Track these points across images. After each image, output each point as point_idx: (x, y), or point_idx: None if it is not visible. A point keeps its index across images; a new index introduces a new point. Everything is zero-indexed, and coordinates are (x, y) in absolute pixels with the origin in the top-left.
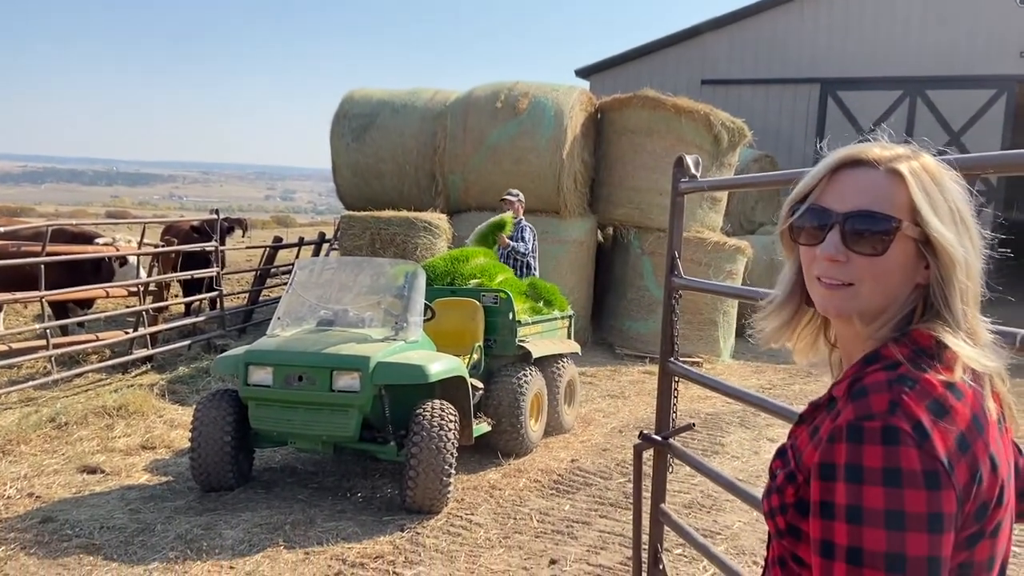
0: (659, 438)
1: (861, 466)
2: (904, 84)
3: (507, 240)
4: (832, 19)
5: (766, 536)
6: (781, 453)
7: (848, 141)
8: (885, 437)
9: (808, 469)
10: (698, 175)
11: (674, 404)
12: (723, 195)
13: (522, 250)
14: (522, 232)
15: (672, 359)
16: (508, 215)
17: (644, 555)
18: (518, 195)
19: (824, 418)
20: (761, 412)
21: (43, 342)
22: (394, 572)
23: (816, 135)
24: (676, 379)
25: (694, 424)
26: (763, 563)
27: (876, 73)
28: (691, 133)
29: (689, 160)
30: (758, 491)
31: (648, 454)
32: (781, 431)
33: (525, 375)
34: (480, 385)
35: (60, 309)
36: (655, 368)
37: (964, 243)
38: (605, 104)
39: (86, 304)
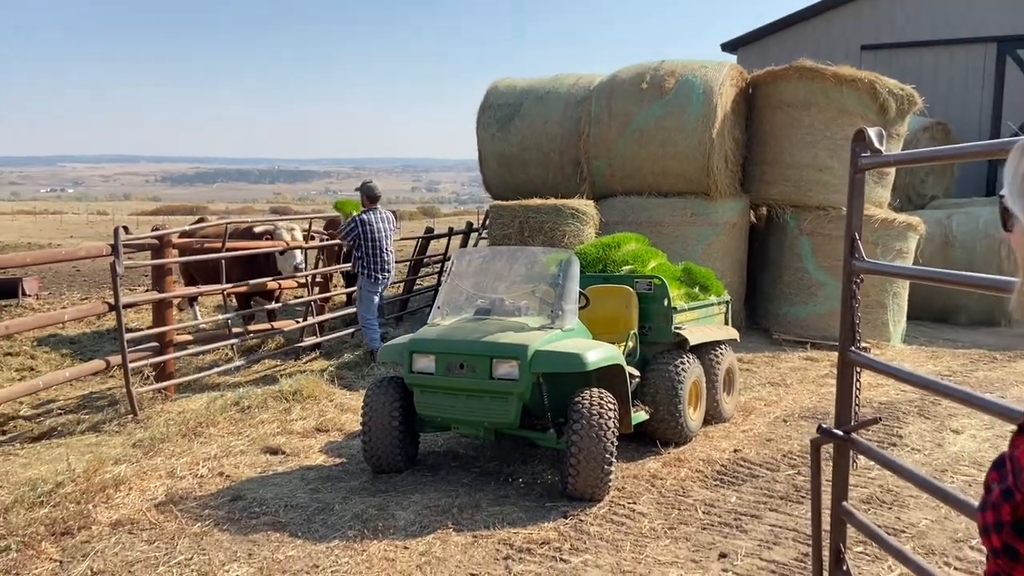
0: (840, 433)
1: None
2: None
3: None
4: None
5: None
6: (999, 465)
7: None
8: None
9: None
10: (883, 149)
11: (856, 396)
12: (890, 168)
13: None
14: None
15: (853, 347)
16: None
17: (824, 553)
18: (367, 187)
19: None
20: (942, 401)
21: (226, 332)
22: (561, 559)
23: (994, 99)
24: (858, 369)
25: (880, 419)
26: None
27: None
28: (854, 103)
29: (872, 133)
30: (947, 487)
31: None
32: (966, 422)
33: (682, 362)
34: (636, 373)
35: (243, 301)
36: (817, 354)
37: None
38: (758, 78)
39: (268, 295)
